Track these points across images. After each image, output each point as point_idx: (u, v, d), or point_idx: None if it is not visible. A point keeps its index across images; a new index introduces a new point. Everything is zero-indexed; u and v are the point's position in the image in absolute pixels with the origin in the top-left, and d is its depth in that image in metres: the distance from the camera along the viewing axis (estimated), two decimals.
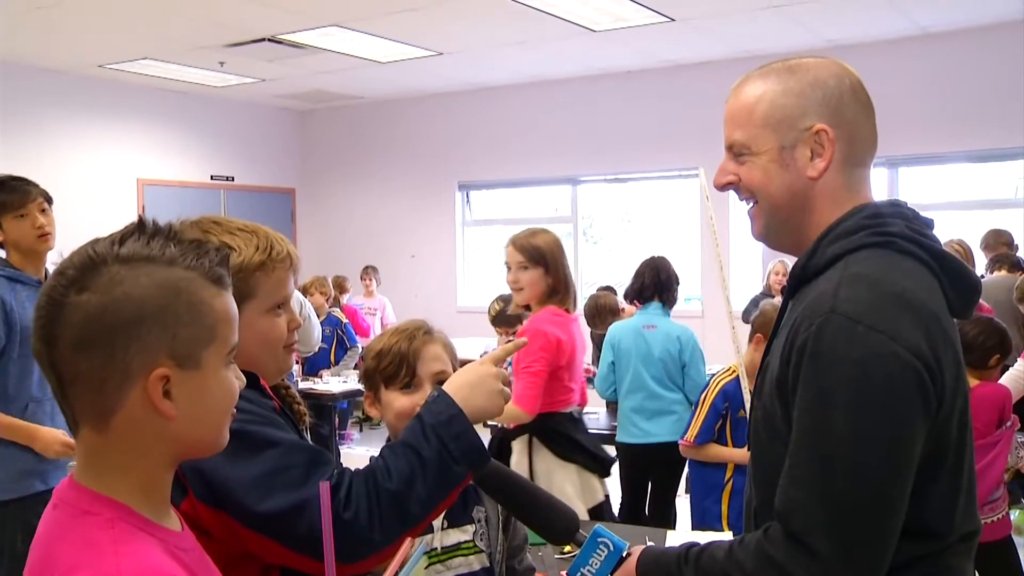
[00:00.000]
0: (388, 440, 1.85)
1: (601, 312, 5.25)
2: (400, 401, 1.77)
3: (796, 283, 1.42)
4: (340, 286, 8.73)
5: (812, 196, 1.41)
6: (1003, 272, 5.97)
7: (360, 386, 1.95)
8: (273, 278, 1.47)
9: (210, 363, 1.02)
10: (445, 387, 1.45)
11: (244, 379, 1.09)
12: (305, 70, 8.70)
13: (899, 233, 1.35)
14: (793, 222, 1.43)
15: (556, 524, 1.50)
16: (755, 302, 6.99)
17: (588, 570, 1.41)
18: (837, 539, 1.22)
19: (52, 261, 2.90)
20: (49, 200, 3.26)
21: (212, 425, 1.05)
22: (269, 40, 7.49)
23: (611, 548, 1.41)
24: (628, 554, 1.42)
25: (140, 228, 1.02)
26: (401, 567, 1.27)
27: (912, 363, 1.22)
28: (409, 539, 1.35)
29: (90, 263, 0.98)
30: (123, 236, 1.01)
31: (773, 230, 1.46)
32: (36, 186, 3.24)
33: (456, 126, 10.05)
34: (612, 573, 1.41)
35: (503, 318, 5.19)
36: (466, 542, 1.79)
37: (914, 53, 7.54)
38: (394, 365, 1.78)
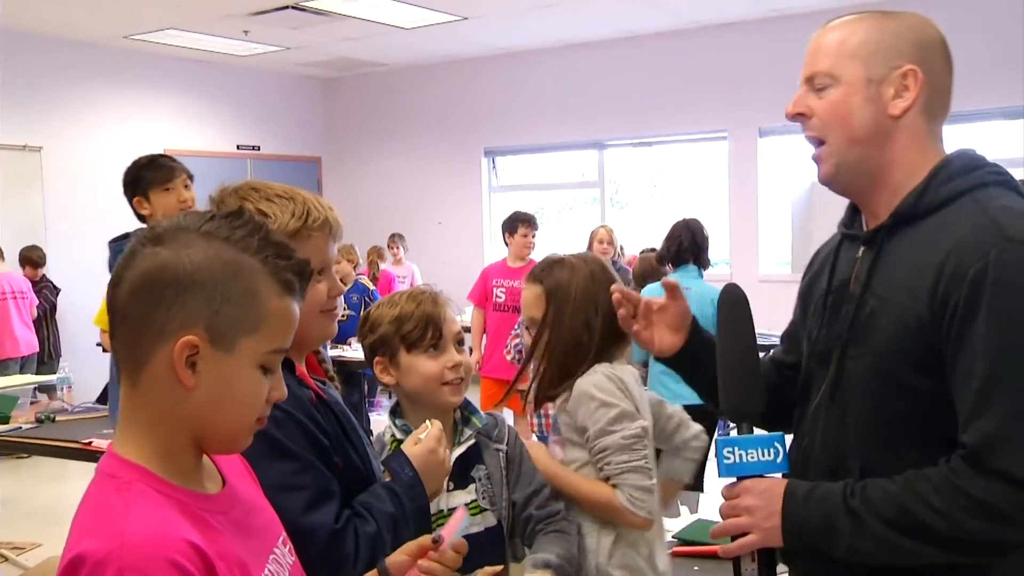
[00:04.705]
0: (399, 405, 1.86)
1: (655, 272, 5.20)
2: (428, 365, 1.78)
3: (898, 221, 1.38)
4: (380, 254, 9.06)
5: (892, 135, 1.38)
6: None
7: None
8: (310, 244, 1.47)
9: (245, 353, 1.03)
10: (418, 468, 1.60)
11: (285, 393, 1.10)
12: (329, 37, 8.67)
13: (1010, 175, 1.38)
14: (868, 160, 1.40)
15: (743, 400, 1.41)
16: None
17: (742, 453, 1.36)
18: None
19: None
20: (191, 177, 3.50)
21: (231, 417, 1.05)
22: (293, 7, 7.46)
23: (777, 459, 1.36)
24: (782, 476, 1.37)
25: (235, 215, 1.07)
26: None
27: None
28: (463, 508, 1.43)
29: (176, 227, 1.04)
30: (214, 215, 1.06)
31: (845, 169, 1.41)
32: (181, 164, 3.48)
33: (481, 92, 9.99)
34: (755, 476, 1.36)
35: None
36: (471, 502, 1.78)
37: (944, 6, 7.37)
38: (420, 328, 1.78)
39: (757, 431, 1.42)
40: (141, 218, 3.49)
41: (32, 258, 7.72)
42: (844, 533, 1.30)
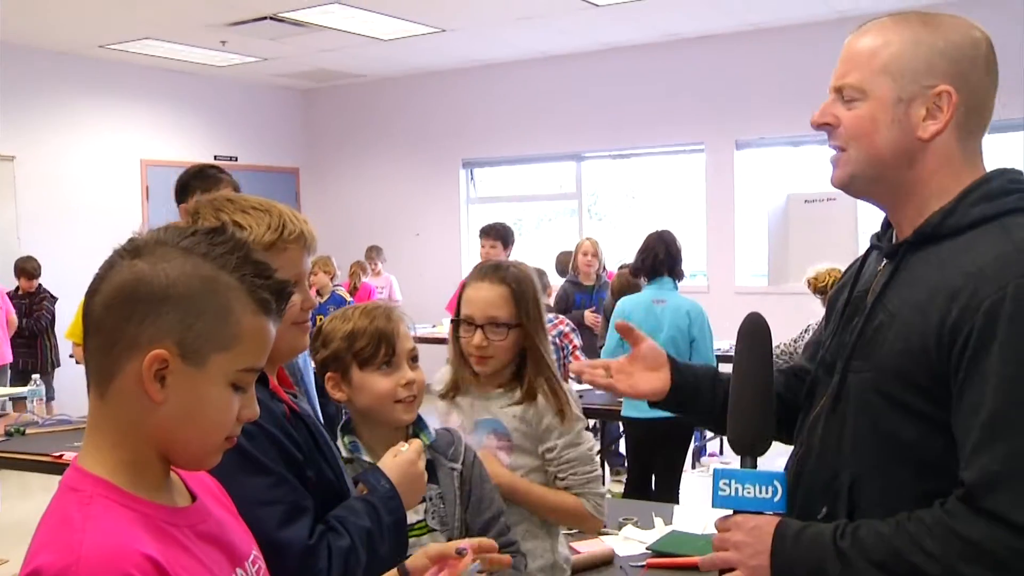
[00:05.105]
0: (350, 421, 1.85)
1: (632, 287, 5.22)
2: (381, 383, 1.76)
3: (921, 239, 1.34)
4: (362, 268, 9.20)
5: (920, 157, 1.34)
6: None
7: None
8: (285, 257, 1.46)
9: (216, 369, 1.02)
10: (395, 484, 1.59)
11: (256, 412, 1.09)
12: (307, 48, 8.66)
13: None
14: (889, 178, 1.36)
15: (754, 435, 1.39)
16: (566, 292, 6.52)
17: (738, 487, 1.33)
18: None
19: None
20: (237, 188, 3.52)
21: (199, 433, 1.04)
22: (270, 18, 7.45)
23: (775, 498, 1.32)
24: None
25: (216, 231, 1.07)
26: None
27: None
28: (470, 554, 1.40)
29: (155, 241, 1.04)
30: (195, 231, 1.06)
31: (862, 181, 1.38)
32: (229, 175, 3.52)
33: (459, 103, 10.00)
34: (747, 513, 1.33)
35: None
36: (417, 522, 1.75)
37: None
38: (372, 345, 1.76)
39: (761, 465, 1.38)
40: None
41: (27, 269, 7.57)
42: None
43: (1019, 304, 1.19)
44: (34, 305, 7.51)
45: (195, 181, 3.42)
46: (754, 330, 1.42)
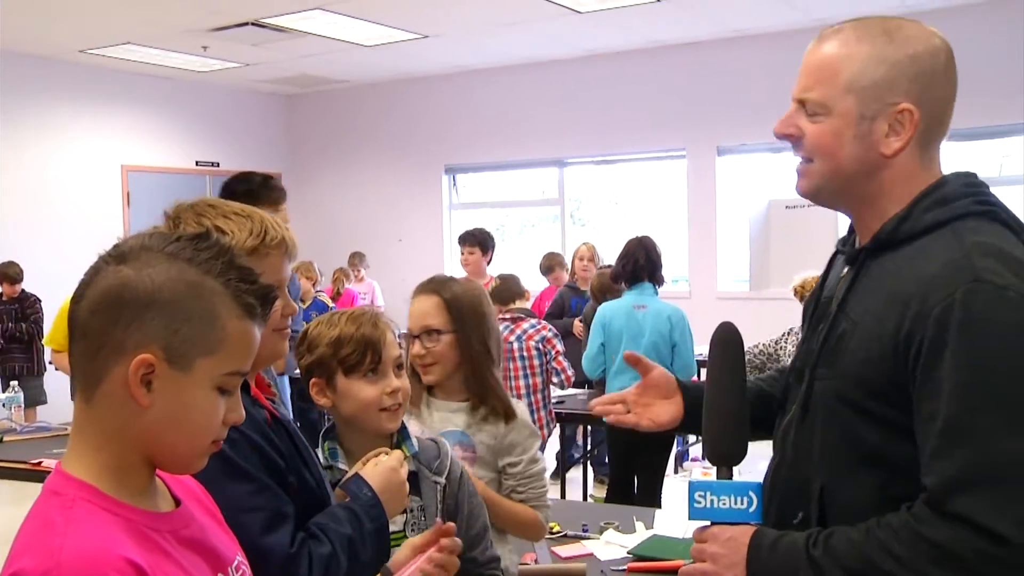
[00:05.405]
0: (334, 427, 1.85)
1: (612, 289, 5.22)
2: (367, 391, 1.76)
3: (878, 246, 1.37)
4: (346, 274, 9.23)
5: (881, 171, 1.36)
6: None
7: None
8: (267, 263, 1.46)
9: (201, 374, 1.03)
10: (377, 492, 1.59)
11: (242, 415, 1.10)
12: (289, 54, 8.64)
13: (998, 203, 1.35)
14: (852, 189, 1.38)
15: (727, 446, 1.40)
16: (563, 297, 6.52)
17: (714, 498, 1.34)
18: (1018, 519, 1.16)
19: None
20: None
21: (185, 437, 1.05)
22: (252, 24, 7.43)
23: (750, 508, 1.34)
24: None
25: (200, 237, 1.08)
26: None
27: None
28: (422, 558, 1.45)
29: (140, 246, 1.05)
30: (180, 236, 1.07)
31: (826, 192, 1.40)
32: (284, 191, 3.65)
33: (442, 109, 10.00)
34: (723, 524, 1.34)
35: (500, 295, 5.22)
36: (396, 532, 1.75)
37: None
38: (358, 352, 1.75)
39: (736, 476, 1.40)
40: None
41: (9, 274, 7.43)
42: None
43: (968, 311, 1.21)
44: (27, 309, 7.40)
45: (263, 191, 3.48)
46: (726, 340, 1.44)
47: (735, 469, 1.41)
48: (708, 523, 1.37)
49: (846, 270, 1.43)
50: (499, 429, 2.16)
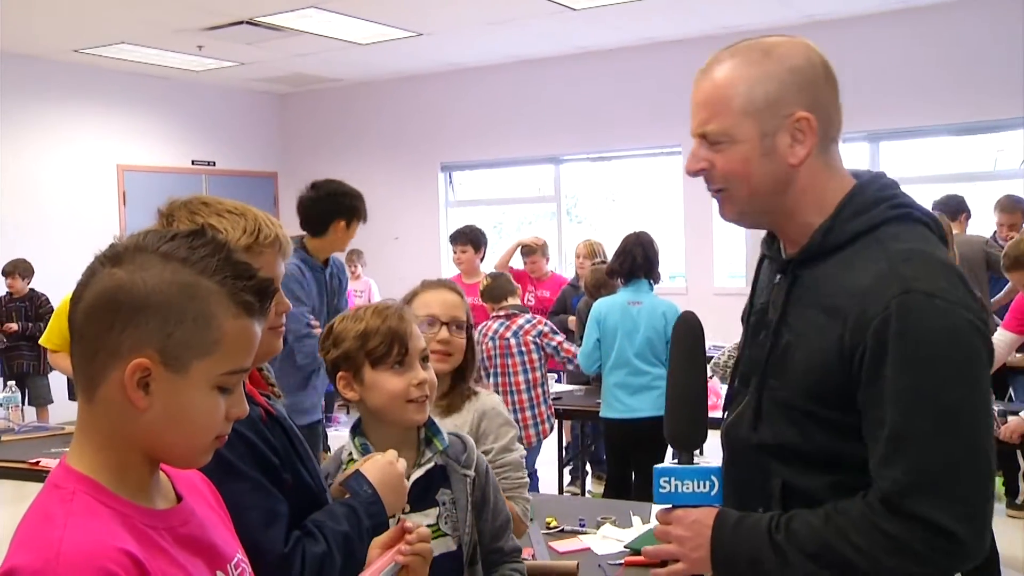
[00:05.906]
0: (360, 423, 1.85)
1: (607, 284, 5.22)
2: (393, 382, 1.77)
3: (807, 257, 1.41)
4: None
5: (793, 182, 1.40)
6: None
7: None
8: (260, 261, 1.46)
9: (198, 375, 1.03)
10: (376, 487, 1.61)
11: (246, 410, 1.10)
12: (284, 53, 8.64)
13: (911, 204, 1.40)
14: (772, 206, 1.43)
15: (686, 431, 1.46)
16: (568, 297, 6.45)
17: (678, 483, 1.41)
18: (965, 515, 1.25)
19: None
20: None
21: (184, 437, 1.05)
22: (247, 23, 7.43)
23: (712, 492, 1.41)
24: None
25: (195, 234, 1.07)
26: None
27: (981, 329, 1.30)
28: (391, 552, 1.46)
29: (135, 247, 1.05)
30: (175, 235, 1.06)
31: (749, 215, 1.47)
32: None
33: (437, 107, 10.00)
34: (688, 507, 1.40)
35: (491, 293, 5.23)
36: (431, 525, 1.76)
37: (893, 27, 7.55)
38: (385, 344, 1.77)
39: (698, 460, 1.46)
40: (307, 239, 4.01)
41: (18, 267, 7.38)
42: (770, 567, 1.34)
43: (904, 321, 1.27)
44: (40, 308, 7.36)
45: (361, 204, 3.70)
46: (686, 330, 1.50)
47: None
48: (670, 506, 1.42)
49: (779, 278, 1.47)
50: (472, 419, 2.19)
